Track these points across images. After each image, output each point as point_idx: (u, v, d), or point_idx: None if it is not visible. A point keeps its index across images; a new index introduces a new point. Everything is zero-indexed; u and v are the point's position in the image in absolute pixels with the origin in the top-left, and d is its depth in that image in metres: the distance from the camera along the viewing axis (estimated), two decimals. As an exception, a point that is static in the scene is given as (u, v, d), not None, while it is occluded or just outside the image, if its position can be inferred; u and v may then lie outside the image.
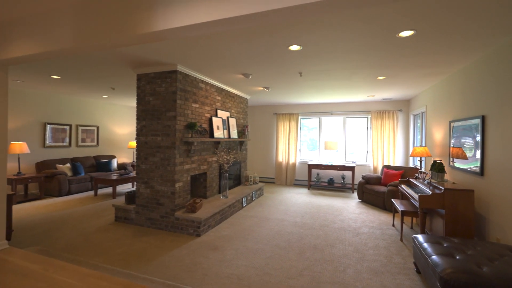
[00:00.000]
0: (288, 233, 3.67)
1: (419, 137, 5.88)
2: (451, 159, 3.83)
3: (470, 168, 3.23)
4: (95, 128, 7.38)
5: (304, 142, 7.74)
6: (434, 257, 2.10)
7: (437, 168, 3.46)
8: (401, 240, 3.45)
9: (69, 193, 5.79)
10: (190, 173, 4.01)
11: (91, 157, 6.92)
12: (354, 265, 2.79)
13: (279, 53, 3.11)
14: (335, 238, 3.52)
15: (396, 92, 5.51)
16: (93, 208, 4.81)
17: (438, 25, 2.31)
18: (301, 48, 2.91)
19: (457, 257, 2.07)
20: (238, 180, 5.85)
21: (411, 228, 3.97)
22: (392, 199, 3.98)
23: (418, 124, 6.02)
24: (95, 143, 7.37)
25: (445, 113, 4.12)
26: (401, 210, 3.43)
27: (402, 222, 3.46)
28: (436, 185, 3.22)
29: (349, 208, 5.06)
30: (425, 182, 3.59)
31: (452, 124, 3.82)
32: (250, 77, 4.21)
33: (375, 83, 4.61)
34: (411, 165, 6.27)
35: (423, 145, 5.42)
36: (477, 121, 3.05)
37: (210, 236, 3.54)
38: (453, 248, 2.24)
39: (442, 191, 2.97)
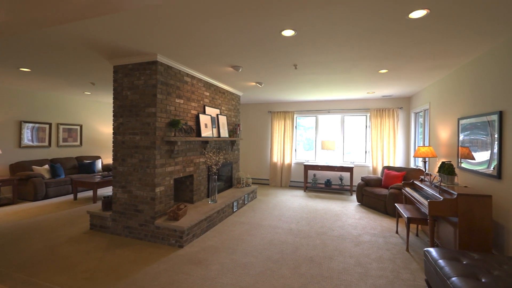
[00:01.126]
0: (282, 243, 3.30)
1: (421, 136, 5.55)
2: (459, 160, 3.50)
3: (484, 169, 2.89)
4: (78, 127, 6.94)
5: (300, 142, 7.39)
6: (454, 279, 1.74)
7: (447, 169, 3.11)
8: (407, 250, 3.10)
9: (46, 197, 5.35)
10: (173, 176, 3.61)
11: (73, 158, 6.47)
12: (356, 282, 2.42)
13: (271, 40, 2.74)
14: (334, 249, 3.15)
15: (397, 89, 5.18)
16: (69, 214, 4.38)
17: (455, 3, 1.95)
18: (295, 33, 2.53)
19: (483, 280, 1.71)
20: (229, 182, 5.46)
21: (417, 235, 3.63)
22: (395, 204, 3.64)
23: (420, 123, 5.70)
24: (78, 143, 6.92)
25: (452, 109, 3.79)
26: (407, 217, 3.08)
27: (408, 231, 3.11)
28: (446, 189, 2.87)
29: (348, 212, 4.71)
30: (433, 185, 3.25)
31: (460, 122, 3.48)
32: (240, 70, 3.83)
33: (376, 77, 4.26)
34: (412, 165, 5.95)
35: (426, 144, 5.10)
36: (494, 117, 2.71)
37: (194, 247, 3.15)
38: (475, 266, 1.89)
39: (455, 196, 2.62)
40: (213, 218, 3.84)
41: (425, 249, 2.28)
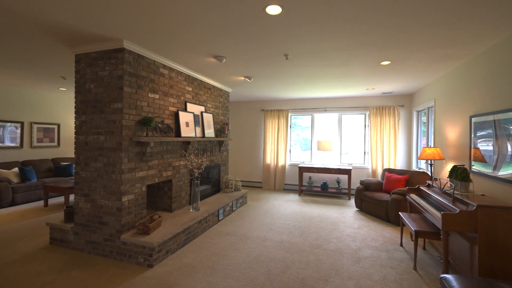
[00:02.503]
0: (270, 260, 2.85)
1: (424, 136, 5.14)
2: (471, 163, 3.08)
3: (505, 174, 2.47)
4: (55, 126, 6.42)
5: (297, 142, 6.95)
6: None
7: (460, 175, 2.68)
8: (415, 268, 2.67)
9: (13, 203, 4.84)
10: (146, 182, 3.14)
11: (49, 160, 5.96)
12: (357, 315, 1.98)
13: (254, 20, 2.28)
14: (330, 267, 2.71)
15: (399, 84, 4.75)
16: (33, 224, 3.89)
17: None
18: (282, 10, 2.08)
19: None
20: (217, 186, 5.00)
21: (424, 248, 3.20)
22: (399, 213, 3.20)
23: (423, 122, 5.28)
24: (55, 144, 6.41)
25: (462, 106, 3.36)
26: (415, 231, 2.64)
27: (416, 246, 2.67)
28: (460, 197, 2.44)
29: (346, 220, 4.27)
30: (443, 192, 2.82)
31: (473, 120, 3.06)
32: (224, 61, 3.36)
33: (377, 70, 3.82)
34: (414, 168, 5.53)
35: (430, 145, 4.68)
36: (520, 113, 2.28)
37: (166, 266, 2.68)
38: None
39: (474, 208, 2.19)
40: (194, 229, 3.37)
41: (442, 276, 1.84)
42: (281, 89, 5.33)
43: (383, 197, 4.33)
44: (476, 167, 2.96)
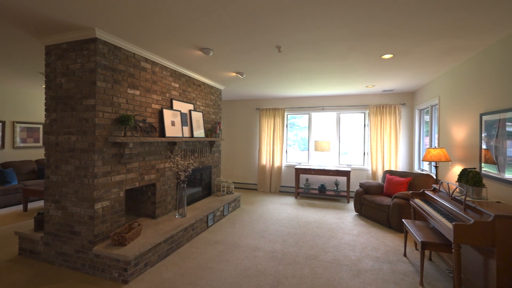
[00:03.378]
0: (260, 274, 2.56)
1: (427, 136, 4.87)
2: (482, 165, 2.80)
3: (523, 180, 2.19)
4: (40, 126, 6.11)
5: (295, 142, 6.68)
6: None
7: (472, 179, 2.41)
8: (421, 284, 2.39)
9: (-10, 208, 4.54)
10: (124, 187, 2.85)
11: (33, 161, 5.66)
12: None
13: (238, 2, 2.00)
14: (327, 282, 2.43)
15: (400, 81, 4.48)
16: (5, 231, 3.59)
17: None
18: (271, -10, 1.80)
19: None
20: (208, 189, 4.71)
21: (430, 259, 2.92)
22: (403, 220, 2.93)
23: (426, 121, 5.01)
24: (40, 144, 6.10)
25: (471, 103, 3.09)
26: (421, 242, 2.36)
27: (422, 260, 2.39)
28: (473, 205, 2.16)
29: (345, 226, 3.99)
30: (452, 198, 2.55)
31: (484, 118, 2.79)
32: (211, 54, 3.08)
33: (377, 65, 3.55)
34: (416, 169, 5.26)
35: (434, 145, 4.41)
36: (543, 110, 2.01)
37: (143, 281, 2.39)
38: None
39: (492, 218, 1.91)
40: (178, 238, 3.08)
41: (457, 300, 1.56)
42: (277, 86, 5.04)
43: (384, 201, 4.05)
44: (487, 169, 2.69)
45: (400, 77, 4.21)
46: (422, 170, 4.95)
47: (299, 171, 5.74)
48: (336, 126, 6.12)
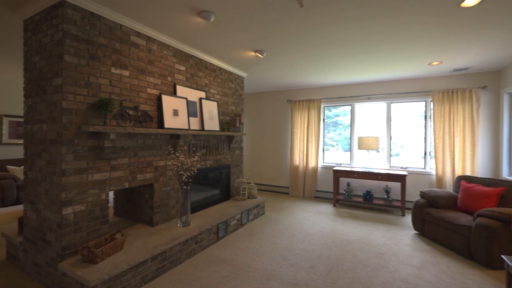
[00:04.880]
0: (268, 321, 1.76)
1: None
2: None
3: None
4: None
5: (339, 142, 5.70)
6: None
7: None
8: None
9: (17, 202, 4.58)
10: (107, 187, 2.32)
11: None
12: None
13: None
14: None
15: (482, 53, 3.19)
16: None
17: None
18: None
19: None
20: (226, 192, 4.05)
21: (556, 326, 1.75)
22: (503, 257, 1.82)
23: (523, 107, 3.57)
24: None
25: None
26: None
27: None
28: None
29: (400, 250, 2.92)
30: None
31: None
32: (212, 19, 2.38)
33: (453, 21, 2.43)
34: (505, 175, 3.82)
35: (542, 141, 3.02)
36: None
37: (111, 316, 1.80)
38: None
39: None
40: (174, 254, 2.45)
41: None
42: (309, 70, 4.14)
43: (461, 220, 2.85)
44: None
45: (485, 45, 2.96)
46: (517, 177, 3.53)
47: (338, 174, 4.72)
48: (386, 119, 4.92)
